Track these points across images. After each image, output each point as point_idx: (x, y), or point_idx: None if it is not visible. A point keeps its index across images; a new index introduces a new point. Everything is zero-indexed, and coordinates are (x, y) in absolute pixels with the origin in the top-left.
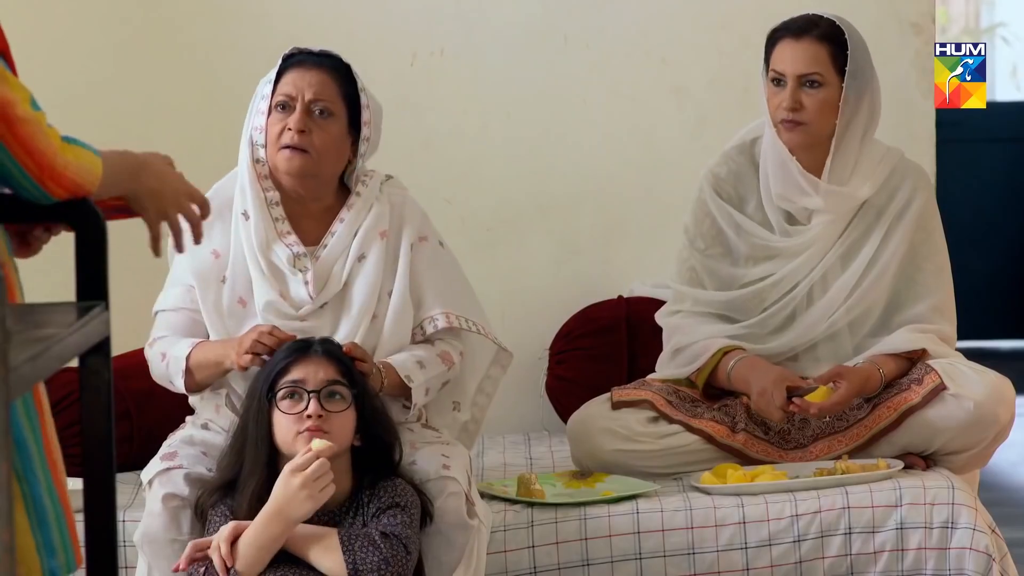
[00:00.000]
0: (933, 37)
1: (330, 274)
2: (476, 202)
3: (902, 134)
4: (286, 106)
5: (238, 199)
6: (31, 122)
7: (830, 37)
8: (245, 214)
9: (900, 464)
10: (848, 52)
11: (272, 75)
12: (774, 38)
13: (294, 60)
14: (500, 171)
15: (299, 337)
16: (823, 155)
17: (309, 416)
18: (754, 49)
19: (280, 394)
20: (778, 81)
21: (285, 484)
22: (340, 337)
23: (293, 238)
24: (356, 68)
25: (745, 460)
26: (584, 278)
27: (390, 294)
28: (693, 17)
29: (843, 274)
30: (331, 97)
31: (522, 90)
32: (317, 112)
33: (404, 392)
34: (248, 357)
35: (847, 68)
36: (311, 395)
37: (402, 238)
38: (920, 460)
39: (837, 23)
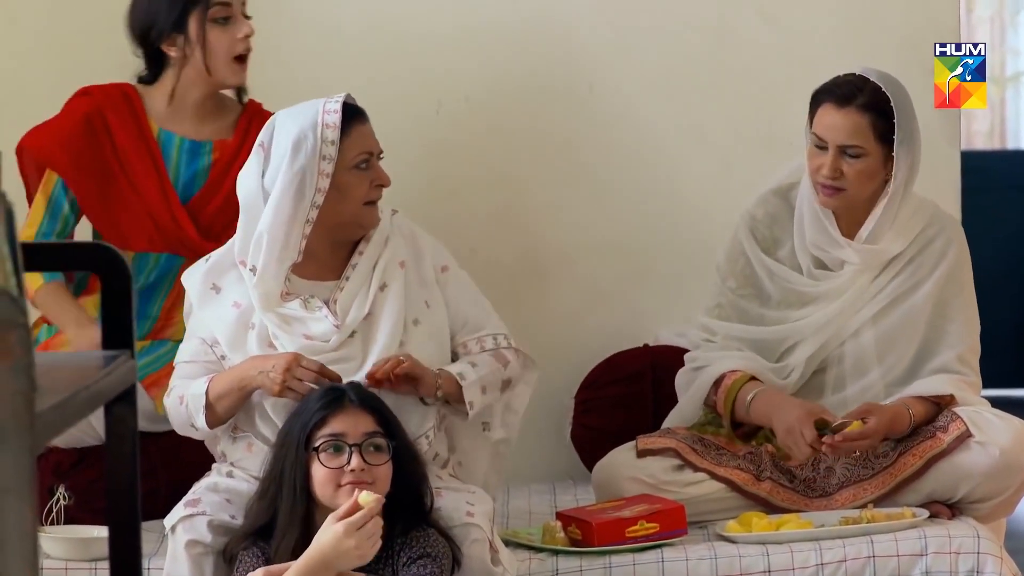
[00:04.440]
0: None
1: (352, 304)
2: (501, 251)
3: (927, 182)
4: (367, 163)
5: (253, 253)
6: None
7: (874, 107)
8: (253, 269)
9: (926, 513)
10: (895, 121)
11: (333, 136)
12: (818, 99)
13: (357, 116)
14: (525, 220)
15: (330, 367)
16: (861, 213)
17: (352, 470)
18: (778, 96)
19: (320, 446)
20: (820, 145)
21: (334, 536)
22: (371, 364)
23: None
24: (382, 115)
25: (770, 508)
26: (609, 326)
27: (415, 322)
28: (716, 65)
29: (874, 324)
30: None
31: (547, 138)
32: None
33: (460, 393)
34: (284, 390)
35: (895, 137)
36: (352, 448)
37: (423, 269)
38: (945, 509)
39: (883, 89)
